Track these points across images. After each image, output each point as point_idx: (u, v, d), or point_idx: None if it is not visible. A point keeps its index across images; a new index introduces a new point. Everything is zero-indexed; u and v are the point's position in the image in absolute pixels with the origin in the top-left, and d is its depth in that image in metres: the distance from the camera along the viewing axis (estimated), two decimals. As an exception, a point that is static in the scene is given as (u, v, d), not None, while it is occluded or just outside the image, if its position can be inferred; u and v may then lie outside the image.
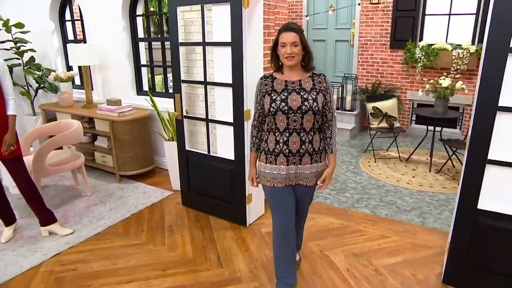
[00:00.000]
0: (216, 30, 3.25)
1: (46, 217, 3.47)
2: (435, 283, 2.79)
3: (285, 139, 2.33)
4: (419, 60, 6.08)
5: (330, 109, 2.38)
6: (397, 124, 5.53)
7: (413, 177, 4.78)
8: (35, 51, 5.41)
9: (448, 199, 4.16)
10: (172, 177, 4.32)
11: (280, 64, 2.35)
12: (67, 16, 5.65)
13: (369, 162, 5.32)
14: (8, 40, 5.25)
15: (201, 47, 3.39)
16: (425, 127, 6.34)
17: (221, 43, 3.20)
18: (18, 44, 5.21)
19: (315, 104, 2.28)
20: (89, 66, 4.94)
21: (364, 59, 6.83)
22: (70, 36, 5.81)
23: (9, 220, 3.45)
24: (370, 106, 5.48)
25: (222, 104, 3.37)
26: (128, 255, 3.17)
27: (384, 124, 5.50)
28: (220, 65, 3.29)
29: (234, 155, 3.35)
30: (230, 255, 3.14)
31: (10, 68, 5.30)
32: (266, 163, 2.42)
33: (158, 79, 5.45)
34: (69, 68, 5.82)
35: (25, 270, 3.00)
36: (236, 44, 3.07)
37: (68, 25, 5.74)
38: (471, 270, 2.64)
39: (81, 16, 5.35)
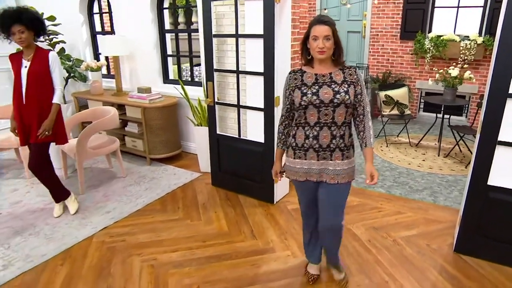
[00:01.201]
0: (248, 23, 3.54)
1: (59, 195, 3.75)
2: (447, 251, 3.13)
3: (315, 133, 2.31)
4: (428, 50, 6.36)
5: (361, 102, 2.32)
6: (407, 112, 5.83)
7: (423, 160, 5.10)
8: (65, 43, 5.70)
9: (456, 180, 4.48)
10: (200, 160, 4.65)
11: (310, 57, 2.30)
12: (95, 9, 5.93)
13: (381, 146, 5.64)
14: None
15: (232, 39, 3.70)
16: (432, 114, 6.66)
17: (253, 35, 3.50)
18: (51, 36, 5.50)
19: (347, 96, 2.24)
20: (119, 56, 5.24)
21: (375, 50, 7.11)
22: (97, 28, 6.09)
23: (60, 197, 3.76)
24: (382, 94, 5.78)
25: (253, 91, 3.68)
26: (169, 228, 3.51)
27: (395, 111, 5.81)
28: (252, 55, 3.59)
29: (264, 138, 3.67)
30: (262, 228, 3.48)
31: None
32: (294, 158, 2.39)
33: (175, 68, 5.74)
34: (96, 58, 6.12)
35: (80, 240, 3.35)
36: (268, 36, 3.37)
37: (96, 17, 6.01)
38: (480, 240, 2.97)
39: (109, 9, 5.63)
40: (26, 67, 3.26)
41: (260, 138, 3.71)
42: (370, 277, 2.82)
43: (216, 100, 3.95)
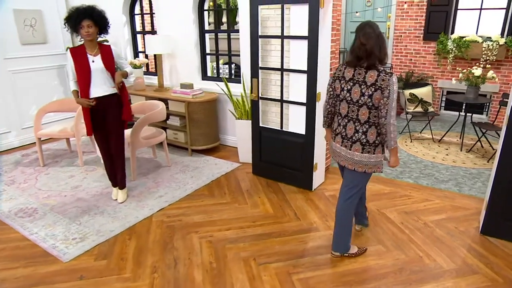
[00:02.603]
0: (293, 26, 3.91)
1: (124, 181, 4.15)
2: (474, 234, 3.46)
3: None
4: (450, 51, 6.66)
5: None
6: (431, 109, 6.15)
7: (447, 155, 5.42)
8: (108, 41, 6.12)
9: (479, 173, 4.80)
10: (240, 151, 5.03)
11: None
12: (136, 10, 6.35)
13: (405, 142, 5.97)
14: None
15: (276, 39, 4.07)
16: (453, 112, 6.97)
17: (298, 37, 3.86)
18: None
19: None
20: (161, 54, 5.64)
21: (398, 50, 7.42)
22: (137, 28, 6.50)
23: (124, 182, 4.13)
24: (407, 92, 6.10)
25: (295, 88, 4.04)
26: (219, 211, 3.90)
27: (419, 109, 6.12)
28: (296, 55, 3.95)
29: (305, 130, 4.04)
30: (304, 211, 3.85)
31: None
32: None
33: (211, 65, 6.12)
34: (136, 56, 6.53)
35: (141, 219, 3.75)
36: (312, 38, 3.73)
37: (137, 18, 6.43)
38: (505, 223, 3.30)
39: (150, 10, 6.04)
40: (93, 61, 3.63)
41: (301, 130, 4.08)
42: (405, 253, 3.17)
43: (259, 95, 4.32)
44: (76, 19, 3.47)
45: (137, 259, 3.14)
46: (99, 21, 3.58)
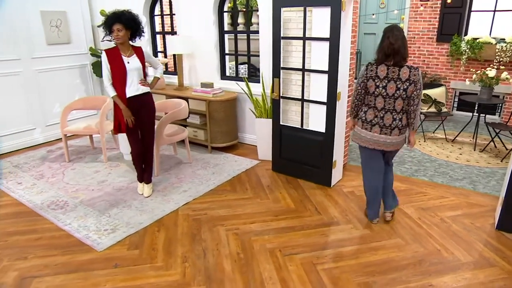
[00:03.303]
0: (315, 28, 4.05)
1: (150, 176, 4.32)
2: (490, 229, 3.59)
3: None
4: (464, 52, 6.77)
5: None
6: (444, 109, 6.27)
7: (460, 154, 5.54)
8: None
9: (493, 172, 4.91)
10: (259, 148, 5.19)
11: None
12: (156, 11, 6.53)
13: (419, 141, 6.09)
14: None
15: (297, 41, 4.22)
16: (466, 113, 7.08)
17: (320, 38, 4.01)
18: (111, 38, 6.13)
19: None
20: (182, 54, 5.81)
21: (411, 51, 7.53)
22: (157, 29, 6.68)
23: (150, 177, 4.31)
24: (421, 92, 6.22)
25: (316, 87, 4.19)
26: (242, 205, 4.05)
27: (432, 109, 6.24)
28: (317, 55, 4.10)
29: (325, 128, 4.18)
30: (324, 206, 4.00)
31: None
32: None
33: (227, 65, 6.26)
34: (155, 56, 6.71)
35: (168, 213, 3.92)
36: (334, 40, 3.88)
37: (156, 18, 6.61)
38: (521, 218, 3.43)
39: (170, 11, 6.21)
40: (128, 62, 3.81)
41: (321, 128, 4.23)
42: (424, 246, 3.31)
43: (280, 94, 4.48)
44: (108, 23, 3.66)
45: (168, 249, 3.31)
46: (129, 24, 3.76)
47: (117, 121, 3.95)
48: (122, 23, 3.72)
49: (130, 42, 3.90)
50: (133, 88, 3.85)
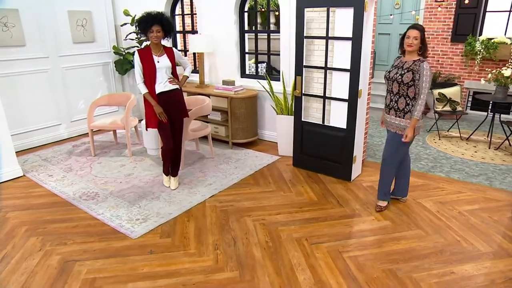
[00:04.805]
0: (338, 27, 4.20)
1: (177, 170, 4.49)
2: (507, 222, 3.72)
3: (386, 96, 3.70)
4: (478, 52, 6.88)
5: (417, 85, 3.42)
6: (459, 108, 6.39)
7: (475, 152, 5.66)
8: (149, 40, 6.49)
9: (508, 169, 5.03)
10: (280, 144, 5.35)
11: (404, 50, 3.51)
12: (176, 10, 6.71)
13: (434, 139, 6.22)
14: (133, 32, 6.36)
15: (319, 40, 4.37)
16: (479, 112, 7.18)
17: (342, 38, 4.16)
18: (139, 35, 6.32)
19: (400, 78, 3.44)
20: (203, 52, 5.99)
21: (425, 51, 7.64)
22: (177, 28, 6.86)
23: (177, 171, 4.47)
24: (436, 92, 6.35)
25: (338, 85, 4.34)
26: (267, 198, 4.22)
27: (447, 108, 6.37)
28: (339, 54, 4.25)
29: (346, 124, 4.33)
30: (346, 199, 4.15)
31: (132, 54, 6.43)
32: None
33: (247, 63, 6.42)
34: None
35: (195, 204, 4.09)
36: (356, 39, 4.03)
37: (176, 18, 6.79)
38: (538, 211, 3.56)
39: (191, 10, 6.39)
40: (158, 62, 3.99)
41: (343, 125, 4.38)
42: (444, 237, 3.45)
43: (302, 92, 4.63)
44: (147, 23, 3.83)
45: (198, 238, 3.48)
46: (167, 26, 3.94)
47: (148, 117, 4.12)
48: (162, 24, 3.91)
49: (162, 42, 4.08)
50: (162, 85, 4.03)
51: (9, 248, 3.33)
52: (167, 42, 6.45)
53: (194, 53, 6.79)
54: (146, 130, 4.37)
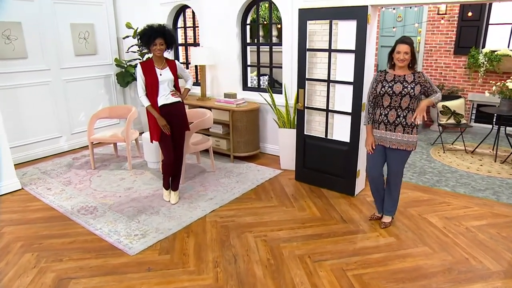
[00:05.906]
0: (340, 40, 4.16)
1: (178, 184, 4.42)
2: (516, 239, 3.62)
3: (386, 112, 3.44)
4: (482, 65, 6.82)
5: (431, 88, 3.38)
6: (463, 121, 6.31)
7: (481, 165, 5.57)
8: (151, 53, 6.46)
9: (515, 183, 4.93)
10: (282, 158, 5.27)
11: (393, 63, 3.41)
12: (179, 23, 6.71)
13: (438, 152, 6.13)
14: (135, 44, 6.36)
15: (322, 52, 4.32)
16: (484, 125, 7.10)
17: (346, 50, 4.11)
18: (141, 48, 6.31)
19: (412, 91, 3.31)
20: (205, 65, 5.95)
21: (428, 64, 7.61)
22: (179, 41, 6.85)
23: (177, 185, 4.40)
24: (440, 104, 6.27)
25: (341, 98, 4.28)
26: (269, 213, 4.12)
27: (451, 121, 6.29)
28: (342, 67, 4.20)
29: (350, 138, 4.26)
30: (349, 215, 4.06)
31: (134, 67, 6.40)
32: (373, 128, 3.56)
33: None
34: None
35: (195, 219, 4.00)
36: (359, 52, 3.97)
37: (178, 31, 6.78)
38: (548, 228, 3.45)
39: (193, 23, 6.37)
40: (161, 74, 3.95)
41: (346, 138, 4.30)
42: (451, 255, 3.34)
43: (305, 105, 4.57)
44: (150, 37, 3.79)
45: (198, 254, 3.39)
46: (169, 39, 3.90)
47: (152, 130, 4.07)
48: (165, 37, 3.87)
49: (164, 55, 4.04)
50: (164, 98, 3.98)
51: (2, 265, 3.24)
52: (168, 55, 6.44)
53: (196, 66, 6.76)
54: (151, 142, 4.28)
